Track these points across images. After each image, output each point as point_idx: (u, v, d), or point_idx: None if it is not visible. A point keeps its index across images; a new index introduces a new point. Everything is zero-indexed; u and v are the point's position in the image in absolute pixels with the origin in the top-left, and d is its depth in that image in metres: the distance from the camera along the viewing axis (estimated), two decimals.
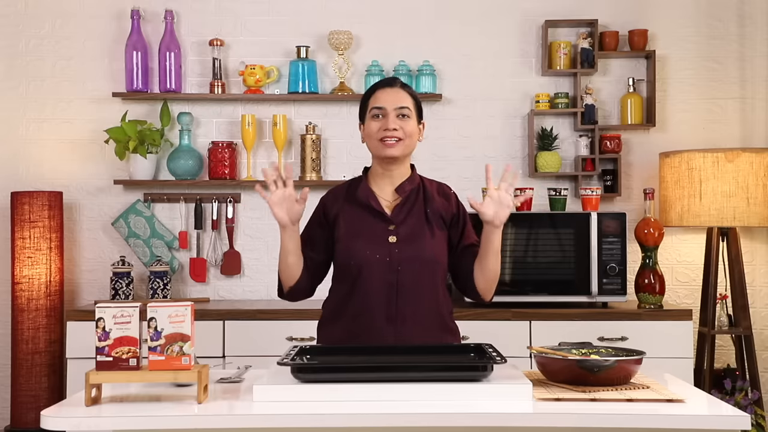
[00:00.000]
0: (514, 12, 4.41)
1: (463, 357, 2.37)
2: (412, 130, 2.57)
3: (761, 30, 4.39)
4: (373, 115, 2.57)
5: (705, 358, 4.04)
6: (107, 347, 2.11)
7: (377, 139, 2.55)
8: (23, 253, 4.09)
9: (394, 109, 2.55)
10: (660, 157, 4.16)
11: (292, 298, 2.64)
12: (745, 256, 4.20)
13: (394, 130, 2.53)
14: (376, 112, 2.56)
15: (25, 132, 4.39)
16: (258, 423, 2.01)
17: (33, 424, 3.99)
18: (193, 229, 4.38)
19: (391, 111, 2.55)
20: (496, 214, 2.46)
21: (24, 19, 4.39)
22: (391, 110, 2.55)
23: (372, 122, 2.57)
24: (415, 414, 2.00)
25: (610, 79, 4.41)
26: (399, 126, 2.54)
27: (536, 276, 3.93)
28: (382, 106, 2.56)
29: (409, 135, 2.56)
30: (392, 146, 2.54)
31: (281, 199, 2.48)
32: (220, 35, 4.37)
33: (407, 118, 2.56)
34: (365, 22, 4.40)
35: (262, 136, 4.39)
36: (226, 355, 3.81)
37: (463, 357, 2.37)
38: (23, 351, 4.04)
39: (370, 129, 2.57)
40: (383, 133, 2.54)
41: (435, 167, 4.22)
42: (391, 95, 2.57)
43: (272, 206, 2.47)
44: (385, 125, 2.54)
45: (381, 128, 2.54)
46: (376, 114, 2.56)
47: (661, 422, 2.00)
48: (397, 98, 2.57)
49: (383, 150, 2.55)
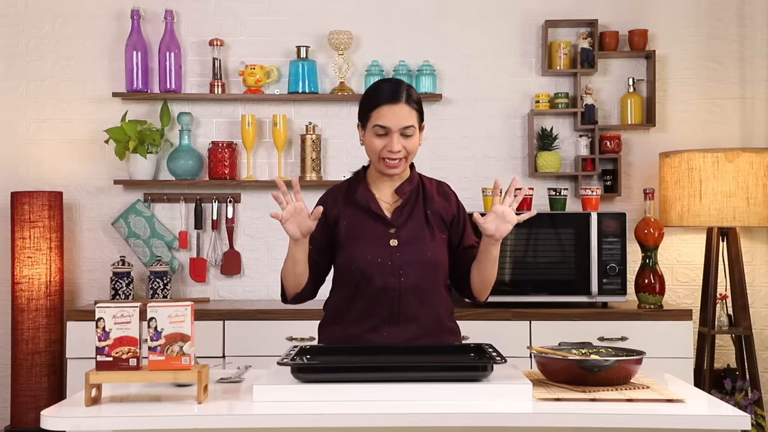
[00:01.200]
0: (514, 12, 4.41)
1: (463, 357, 2.37)
2: (414, 145, 2.53)
3: (761, 30, 4.39)
4: (377, 132, 2.50)
5: (705, 358, 4.04)
6: (107, 347, 2.11)
7: (379, 156, 2.51)
8: (23, 253, 4.09)
9: (398, 129, 2.49)
10: (660, 157, 4.16)
11: (296, 302, 2.63)
12: (745, 256, 4.20)
13: (398, 152, 2.49)
14: (380, 131, 2.50)
15: (25, 132, 4.39)
16: (258, 423, 2.01)
17: (33, 424, 3.99)
18: (193, 229, 4.38)
19: (395, 131, 2.48)
20: (497, 229, 2.44)
21: (24, 19, 4.39)
22: (395, 130, 2.48)
23: (375, 138, 2.51)
24: (415, 414, 2.00)
25: (610, 79, 4.41)
26: (402, 146, 2.49)
27: (536, 276, 3.93)
28: (386, 125, 2.49)
29: (412, 152, 2.53)
30: (395, 167, 2.51)
31: (292, 213, 2.41)
32: (220, 35, 4.37)
33: (411, 136, 2.51)
34: (365, 22, 4.40)
35: (262, 136, 4.39)
36: (226, 355, 3.81)
37: (463, 357, 2.37)
38: (23, 351, 4.04)
39: (373, 145, 2.51)
40: (386, 153, 2.50)
41: (435, 167, 4.22)
42: (396, 113, 2.49)
43: (284, 222, 2.40)
44: (389, 146, 2.49)
45: (384, 148, 2.50)
46: (380, 133, 2.50)
47: (661, 422, 2.00)
48: (401, 117, 2.49)
49: (384, 169, 2.53)
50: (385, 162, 2.51)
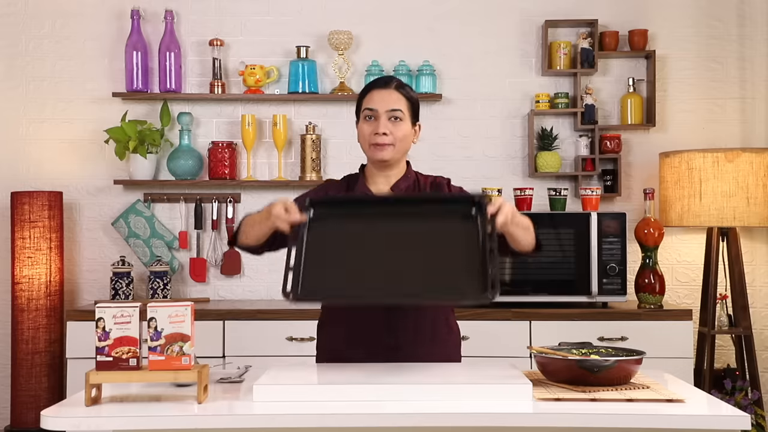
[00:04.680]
0: (514, 12, 4.41)
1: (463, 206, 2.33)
2: (404, 133, 2.52)
3: (761, 30, 4.39)
4: (365, 116, 2.53)
5: (705, 358, 4.04)
6: (107, 347, 2.11)
7: (368, 142, 2.52)
8: (23, 253, 4.09)
9: (385, 112, 2.50)
10: (660, 157, 4.16)
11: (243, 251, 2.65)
12: (745, 256, 4.20)
13: (384, 134, 2.49)
14: (368, 113, 2.52)
15: (25, 132, 4.39)
16: (258, 423, 2.01)
17: (33, 424, 3.99)
18: (193, 229, 4.38)
19: (382, 113, 2.50)
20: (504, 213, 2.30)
21: (24, 19, 4.39)
22: (382, 113, 2.50)
23: (364, 124, 2.53)
24: (415, 414, 2.00)
25: (610, 79, 4.41)
26: (390, 130, 2.50)
27: (536, 276, 3.93)
28: (373, 107, 2.51)
29: (401, 139, 2.52)
30: (381, 150, 2.51)
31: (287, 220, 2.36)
32: (220, 35, 4.37)
33: (399, 120, 2.51)
34: (365, 22, 4.40)
35: (262, 136, 4.39)
36: (226, 355, 3.81)
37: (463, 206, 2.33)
38: (23, 351, 4.04)
39: (362, 130, 2.54)
40: (373, 137, 2.50)
41: (435, 167, 4.20)
42: (384, 97, 2.52)
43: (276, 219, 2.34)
44: (375, 128, 2.50)
45: (372, 131, 2.51)
46: (368, 115, 2.52)
47: (661, 422, 2.00)
48: (389, 100, 2.51)
49: (373, 153, 2.53)
50: (373, 147, 2.51)
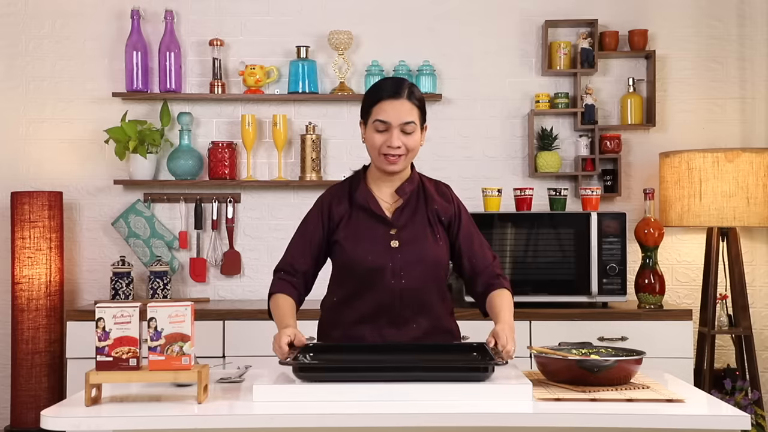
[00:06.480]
0: (514, 12, 4.41)
1: (466, 356, 2.37)
2: (415, 143, 2.51)
3: (761, 30, 4.39)
4: (377, 128, 2.49)
5: (705, 358, 4.04)
6: (107, 347, 2.11)
7: (379, 151, 2.49)
8: (23, 253, 4.09)
9: (398, 125, 2.47)
10: (660, 157, 4.16)
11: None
12: (745, 256, 4.20)
13: (397, 147, 2.47)
14: (380, 126, 2.48)
15: (25, 132, 4.39)
16: (258, 423, 2.01)
17: (33, 424, 3.99)
18: (193, 229, 4.38)
19: (395, 126, 2.47)
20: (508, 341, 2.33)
21: (24, 19, 4.39)
22: (395, 126, 2.47)
23: (375, 134, 2.49)
24: (416, 414, 2.00)
25: (610, 79, 4.41)
26: (402, 143, 2.47)
27: (536, 276, 3.93)
28: (386, 120, 2.47)
29: (412, 149, 2.51)
30: (394, 162, 2.49)
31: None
32: (220, 35, 4.37)
33: (411, 133, 2.49)
34: (365, 22, 4.40)
35: (262, 136, 4.39)
36: (226, 355, 3.81)
37: (466, 356, 2.37)
38: (23, 351, 4.04)
39: (373, 140, 2.50)
40: (386, 149, 2.48)
41: (435, 167, 4.22)
42: (396, 109, 2.47)
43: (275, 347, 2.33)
44: (388, 141, 2.47)
45: (384, 143, 2.48)
46: (380, 128, 2.48)
47: (661, 422, 2.01)
48: (402, 111, 2.47)
49: (384, 165, 2.51)
50: (384, 158, 2.49)
